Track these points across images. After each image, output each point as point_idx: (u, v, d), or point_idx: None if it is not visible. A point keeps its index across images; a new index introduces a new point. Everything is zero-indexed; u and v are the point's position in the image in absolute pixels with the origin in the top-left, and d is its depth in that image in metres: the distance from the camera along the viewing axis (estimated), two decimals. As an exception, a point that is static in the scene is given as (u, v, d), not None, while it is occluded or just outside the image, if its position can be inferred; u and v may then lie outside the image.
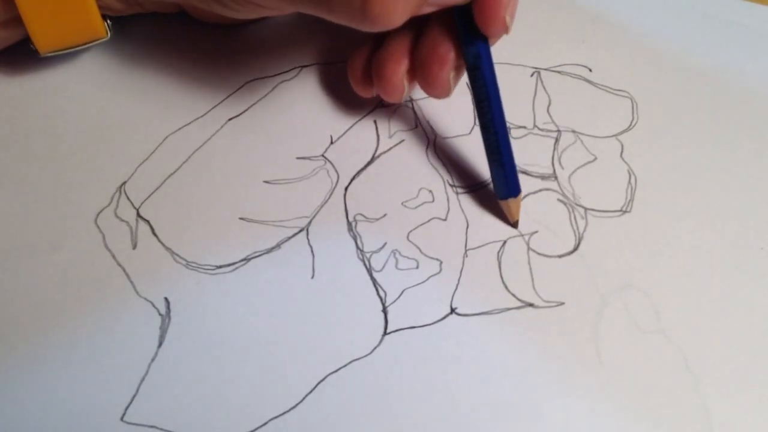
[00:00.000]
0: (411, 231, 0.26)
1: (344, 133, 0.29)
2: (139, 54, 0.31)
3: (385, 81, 0.26)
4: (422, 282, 0.25)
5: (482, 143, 0.27)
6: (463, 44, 0.25)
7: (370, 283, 0.25)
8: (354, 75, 0.28)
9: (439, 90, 0.26)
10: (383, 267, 0.26)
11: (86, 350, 0.23)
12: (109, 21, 0.29)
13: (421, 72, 0.26)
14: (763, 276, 0.26)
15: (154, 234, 0.26)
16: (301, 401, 0.23)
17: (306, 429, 0.22)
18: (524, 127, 0.30)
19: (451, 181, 0.28)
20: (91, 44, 0.29)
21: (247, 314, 0.24)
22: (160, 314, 0.24)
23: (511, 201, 0.26)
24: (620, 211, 0.27)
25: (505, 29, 0.23)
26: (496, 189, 0.27)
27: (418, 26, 0.26)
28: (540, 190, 0.28)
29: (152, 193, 0.27)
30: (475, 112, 0.25)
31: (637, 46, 0.33)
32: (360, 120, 0.30)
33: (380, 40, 0.27)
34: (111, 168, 0.28)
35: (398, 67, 0.26)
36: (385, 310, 0.25)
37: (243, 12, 0.26)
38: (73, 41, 0.28)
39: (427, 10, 0.23)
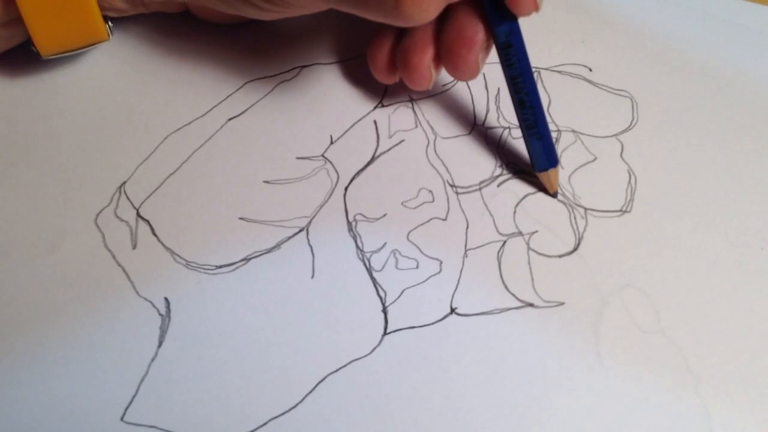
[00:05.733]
0: (411, 231, 0.26)
1: (344, 133, 0.29)
2: (139, 54, 0.31)
3: (412, 70, 0.27)
4: (422, 282, 0.25)
5: (483, 142, 0.28)
6: (494, 24, 0.25)
7: (370, 283, 0.25)
8: (376, 63, 0.28)
9: (467, 73, 0.26)
10: (383, 267, 0.26)
11: (86, 350, 0.23)
12: (110, 23, 0.29)
13: (448, 57, 0.26)
14: (763, 276, 0.26)
15: (154, 234, 0.26)
16: (301, 401, 0.23)
17: (306, 429, 0.22)
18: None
19: (451, 181, 0.28)
20: (92, 46, 0.29)
21: (247, 314, 0.24)
22: (160, 314, 0.24)
23: (552, 171, 0.27)
24: (620, 211, 0.27)
25: (536, 6, 0.24)
26: (535, 162, 0.27)
27: (442, 12, 0.26)
28: (540, 190, 0.28)
29: (152, 193, 0.27)
30: (509, 88, 0.26)
31: (637, 46, 0.33)
32: (360, 120, 0.30)
33: (402, 28, 0.27)
34: (111, 168, 0.28)
35: (424, 55, 0.26)
36: (385, 310, 0.25)
37: (273, 12, 0.26)
38: (75, 44, 0.28)
39: None
